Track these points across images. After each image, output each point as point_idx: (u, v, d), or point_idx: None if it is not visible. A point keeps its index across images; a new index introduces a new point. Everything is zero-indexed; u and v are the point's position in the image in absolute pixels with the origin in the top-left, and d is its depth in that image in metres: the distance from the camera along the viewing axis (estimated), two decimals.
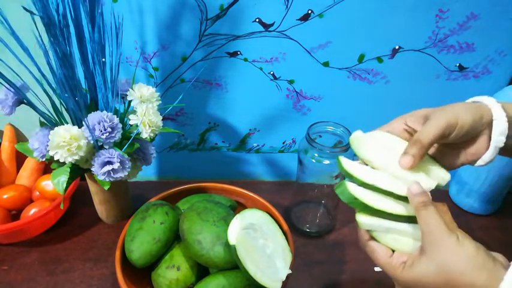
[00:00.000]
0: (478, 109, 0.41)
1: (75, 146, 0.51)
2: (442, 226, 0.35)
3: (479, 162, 0.43)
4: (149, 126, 0.56)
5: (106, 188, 0.57)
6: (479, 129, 0.41)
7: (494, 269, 0.33)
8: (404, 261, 0.38)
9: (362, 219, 0.40)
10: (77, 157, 0.52)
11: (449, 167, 0.43)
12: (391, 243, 0.40)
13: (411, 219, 0.38)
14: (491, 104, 0.41)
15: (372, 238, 0.41)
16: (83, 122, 0.52)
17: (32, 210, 0.65)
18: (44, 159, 0.55)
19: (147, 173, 0.84)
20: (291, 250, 0.53)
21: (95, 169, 0.54)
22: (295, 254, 0.54)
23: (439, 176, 0.41)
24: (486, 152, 0.42)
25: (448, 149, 0.44)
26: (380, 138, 0.42)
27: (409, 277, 0.37)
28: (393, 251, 0.40)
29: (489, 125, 0.41)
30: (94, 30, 0.52)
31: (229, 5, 0.62)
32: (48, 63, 0.52)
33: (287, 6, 0.62)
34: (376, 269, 0.67)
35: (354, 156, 0.43)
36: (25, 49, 0.51)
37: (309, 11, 0.63)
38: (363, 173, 0.40)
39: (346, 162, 0.41)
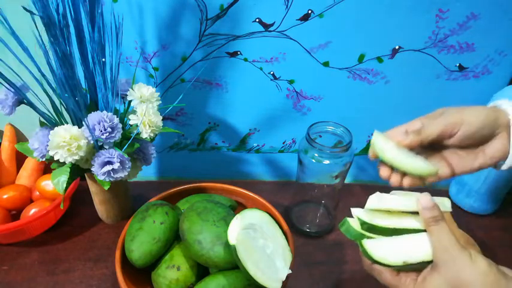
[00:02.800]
0: (493, 112, 0.40)
1: (75, 146, 0.51)
2: (455, 242, 0.36)
3: (504, 167, 0.43)
4: (149, 126, 0.56)
5: (106, 188, 0.57)
6: (494, 130, 0.41)
7: (507, 286, 0.34)
8: (414, 278, 0.38)
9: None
10: (77, 157, 0.52)
11: (468, 171, 0.44)
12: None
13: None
14: (508, 107, 0.41)
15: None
16: (83, 122, 0.52)
17: (32, 210, 0.65)
18: (44, 159, 0.55)
19: (147, 173, 0.84)
20: (291, 250, 0.53)
21: (95, 169, 0.54)
22: (295, 254, 0.54)
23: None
24: (508, 157, 0.42)
25: (465, 152, 0.44)
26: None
27: None
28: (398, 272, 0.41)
29: (507, 127, 0.41)
30: (94, 30, 0.52)
31: (229, 5, 0.62)
32: (48, 63, 0.52)
33: (287, 6, 0.62)
34: None
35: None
36: (25, 49, 0.51)
37: (309, 11, 0.63)
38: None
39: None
